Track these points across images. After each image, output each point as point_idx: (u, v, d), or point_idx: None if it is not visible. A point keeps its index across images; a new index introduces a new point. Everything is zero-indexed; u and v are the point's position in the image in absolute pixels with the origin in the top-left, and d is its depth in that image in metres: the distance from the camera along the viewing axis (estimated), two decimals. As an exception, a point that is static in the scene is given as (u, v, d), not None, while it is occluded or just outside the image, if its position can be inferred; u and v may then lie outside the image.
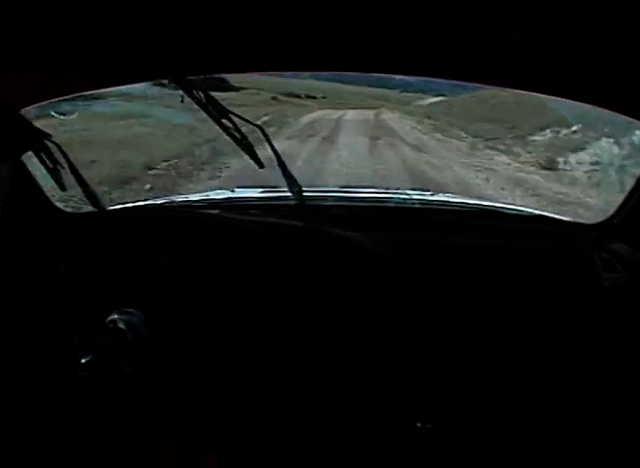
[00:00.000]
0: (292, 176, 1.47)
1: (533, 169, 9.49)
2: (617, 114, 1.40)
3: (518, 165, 9.88)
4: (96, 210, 1.59)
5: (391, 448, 1.46)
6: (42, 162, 1.45)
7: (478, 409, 1.47)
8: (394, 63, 1.39)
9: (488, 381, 1.47)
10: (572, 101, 1.39)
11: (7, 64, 1.18)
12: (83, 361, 1.34)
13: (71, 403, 1.45)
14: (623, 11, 1.01)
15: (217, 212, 1.64)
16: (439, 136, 13.12)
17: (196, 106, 1.36)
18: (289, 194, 1.52)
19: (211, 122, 1.38)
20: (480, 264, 1.51)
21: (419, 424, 1.47)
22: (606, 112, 1.40)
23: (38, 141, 1.45)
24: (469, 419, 1.48)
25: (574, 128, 10.31)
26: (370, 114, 16.88)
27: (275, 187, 1.81)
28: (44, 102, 1.45)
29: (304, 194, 1.52)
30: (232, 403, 1.49)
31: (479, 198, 2.33)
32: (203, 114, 1.37)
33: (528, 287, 1.49)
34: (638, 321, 1.43)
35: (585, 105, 1.42)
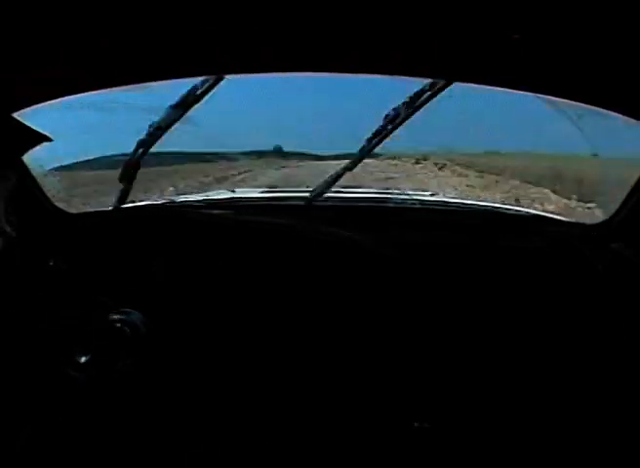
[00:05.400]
0: (292, 176, 1.47)
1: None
2: (617, 114, 1.39)
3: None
4: (96, 210, 1.59)
5: (389, 448, 1.46)
6: (42, 162, 1.45)
7: (476, 408, 1.47)
8: (395, 64, 1.39)
9: (487, 381, 1.47)
10: (571, 101, 1.39)
11: (6, 65, 1.18)
12: (82, 360, 1.34)
13: (70, 402, 1.45)
14: (623, 11, 1.01)
15: (217, 212, 1.64)
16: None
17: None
18: (289, 194, 1.52)
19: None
20: (481, 264, 1.51)
21: (416, 424, 1.47)
22: (606, 112, 1.40)
23: (38, 142, 1.45)
24: (468, 419, 1.48)
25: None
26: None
27: (275, 187, 1.81)
28: (44, 102, 1.45)
29: (304, 194, 1.52)
30: (233, 401, 1.49)
31: (479, 199, 2.33)
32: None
33: (528, 287, 1.49)
34: (638, 321, 1.43)
35: (585, 105, 1.42)
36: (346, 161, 1.67)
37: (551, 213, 1.91)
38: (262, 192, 1.90)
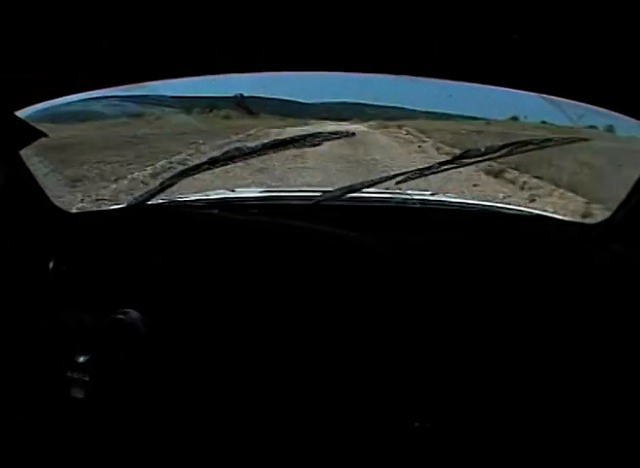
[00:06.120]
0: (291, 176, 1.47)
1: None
2: (616, 114, 1.39)
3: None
4: (96, 209, 1.60)
5: (389, 448, 1.46)
6: (42, 162, 1.45)
7: (477, 408, 1.47)
8: (395, 63, 1.39)
9: (488, 380, 1.47)
10: (571, 101, 1.39)
11: (7, 64, 1.18)
12: (82, 360, 1.34)
13: (70, 402, 1.45)
14: (623, 11, 1.01)
15: (217, 212, 1.65)
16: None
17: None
18: (288, 194, 1.52)
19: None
20: (481, 265, 1.51)
21: (416, 424, 1.47)
22: (606, 112, 1.40)
23: (38, 141, 1.46)
24: (469, 419, 1.48)
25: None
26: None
27: (275, 187, 1.81)
28: (44, 102, 1.45)
29: (304, 194, 1.52)
30: (232, 401, 1.49)
31: (480, 199, 2.33)
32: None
33: (528, 287, 1.49)
34: (638, 320, 1.43)
35: (585, 105, 1.42)
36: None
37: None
38: (262, 192, 1.90)
